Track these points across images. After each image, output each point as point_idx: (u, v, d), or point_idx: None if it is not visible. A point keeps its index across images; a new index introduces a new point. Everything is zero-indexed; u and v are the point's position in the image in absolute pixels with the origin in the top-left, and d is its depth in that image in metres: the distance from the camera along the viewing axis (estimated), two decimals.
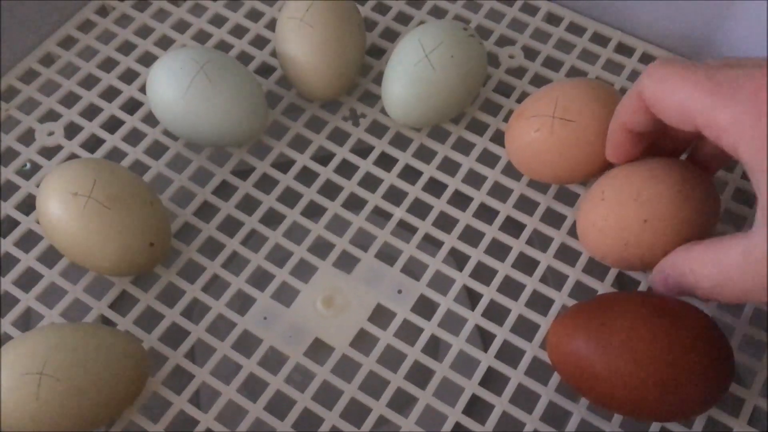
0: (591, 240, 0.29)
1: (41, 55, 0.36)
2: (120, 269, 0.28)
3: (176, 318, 0.29)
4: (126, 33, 0.36)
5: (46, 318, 0.29)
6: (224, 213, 0.32)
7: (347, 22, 0.33)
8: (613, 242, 0.28)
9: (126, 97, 0.35)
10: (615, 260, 0.28)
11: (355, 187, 0.32)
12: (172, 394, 0.28)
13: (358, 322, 0.30)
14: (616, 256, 0.28)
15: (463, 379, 0.28)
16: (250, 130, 0.31)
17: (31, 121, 0.34)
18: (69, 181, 0.27)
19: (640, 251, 0.27)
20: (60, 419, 0.24)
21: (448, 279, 0.30)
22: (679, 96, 0.24)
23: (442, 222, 0.32)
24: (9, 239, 0.31)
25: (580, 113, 0.29)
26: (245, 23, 0.37)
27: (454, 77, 0.31)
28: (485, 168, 0.33)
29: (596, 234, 0.28)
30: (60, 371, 0.24)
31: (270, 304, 0.30)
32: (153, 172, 0.33)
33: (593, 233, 0.28)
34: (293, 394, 0.28)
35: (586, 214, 0.29)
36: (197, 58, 0.30)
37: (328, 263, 0.31)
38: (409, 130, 0.34)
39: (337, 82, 0.33)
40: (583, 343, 0.25)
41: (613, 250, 0.28)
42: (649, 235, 0.27)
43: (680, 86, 0.24)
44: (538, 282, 0.30)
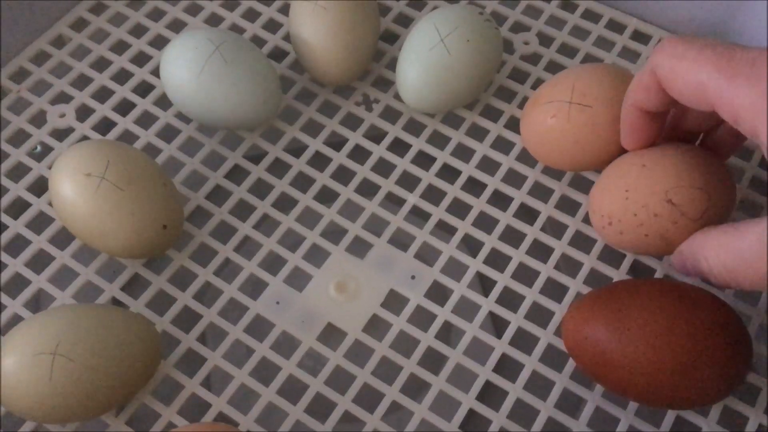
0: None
1: (53, 36, 0.35)
2: (133, 251, 0.28)
3: (188, 301, 0.29)
4: (138, 16, 0.36)
5: (57, 300, 0.29)
6: (236, 197, 0.32)
7: (362, 6, 0.32)
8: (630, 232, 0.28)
9: (138, 80, 0.34)
10: (630, 247, 0.28)
11: (368, 172, 0.32)
12: (184, 377, 0.28)
13: (371, 308, 0.29)
14: (632, 244, 0.28)
15: (477, 366, 0.28)
16: (264, 113, 0.31)
17: (43, 103, 0.34)
18: (82, 162, 0.27)
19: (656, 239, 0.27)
20: (72, 400, 0.24)
21: (461, 265, 0.30)
22: (695, 75, 0.23)
23: (455, 208, 0.31)
24: (20, 221, 0.31)
25: (597, 99, 0.29)
26: (258, 7, 0.36)
27: (469, 62, 0.31)
28: (499, 154, 0.33)
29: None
30: (73, 352, 0.24)
31: (282, 289, 0.30)
32: (165, 155, 0.32)
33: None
34: (306, 378, 0.28)
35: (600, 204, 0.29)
36: (213, 38, 0.30)
37: (341, 248, 0.31)
38: (423, 116, 0.34)
39: (351, 67, 0.33)
40: (599, 330, 0.25)
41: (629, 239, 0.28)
42: (666, 221, 0.27)
43: (697, 65, 0.23)
44: (553, 269, 0.30)
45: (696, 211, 0.27)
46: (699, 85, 0.23)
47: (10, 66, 0.34)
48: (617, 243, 0.28)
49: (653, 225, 0.27)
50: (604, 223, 0.28)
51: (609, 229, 0.28)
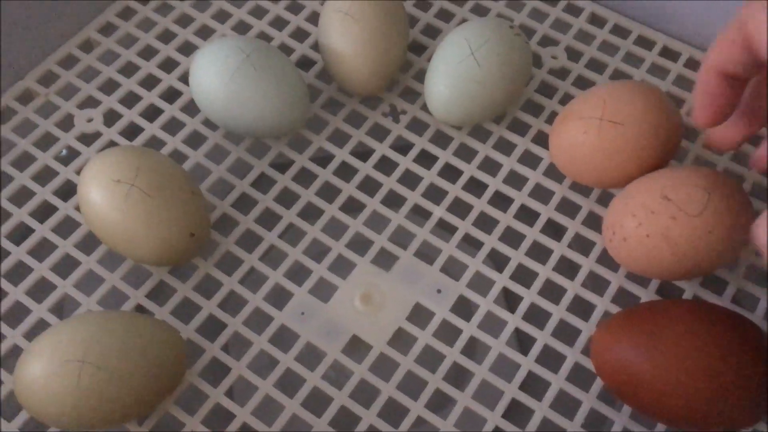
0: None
1: (81, 40, 0.35)
2: (159, 259, 0.28)
3: (213, 310, 0.29)
4: (166, 21, 0.36)
5: (83, 305, 0.29)
6: (262, 206, 0.31)
7: (392, 18, 0.32)
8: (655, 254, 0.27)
9: (165, 86, 0.34)
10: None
11: (394, 184, 0.32)
12: (208, 386, 0.28)
13: (396, 321, 0.29)
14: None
15: (503, 383, 0.28)
16: (292, 122, 0.31)
17: (70, 107, 0.34)
18: (112, 168, 0.27)
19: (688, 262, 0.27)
20: (99, 408, 0.24)
21: (487, 280, 0.30)
22: None
23: (481, 222, 0.31)
24: (46, 225, 0.31)
25: (629, 116, 0.29)
26: (286, 15, 0.36)
27: (499, 76, 0.31)
28: (526, 169, 0.32)
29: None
30: (101, 359, 0.24)
31: (307, 300, 0.29)
32: (191, 162, 0.32)
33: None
34: (330, 391, 0.28)
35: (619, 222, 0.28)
36: (243, 46, 0.30)
37: (367, 260, 0.30)
38: (450, 128, 0.33)
39: (379, 78, 0.33)
40: (629, 350, 0.25)
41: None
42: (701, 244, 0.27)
43: None
44: (580, 286, 0.30)
45: (694, 207, 0.26)
46: None
47: (38, 69, 0.34)
48: (626, 256, 0.28)
49: (652, 223, 0.27)
50: (610, 235, 0.28)
51: (614, 241, 0.28)
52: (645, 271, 0.28)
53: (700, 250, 0.26)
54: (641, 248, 0.27)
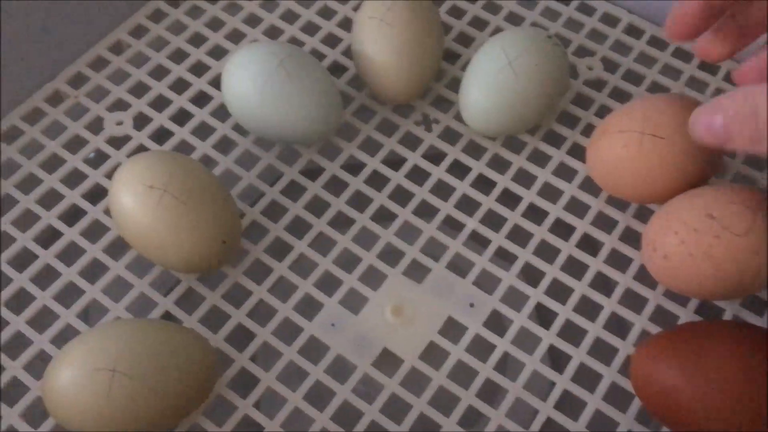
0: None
1: (111, 43, 0.35)
2: (190, 266, 0.27)
3: (242, 319, 0.29)
4: (197, 25, 0.36)
5: (111, 312, 0.28)
6: (292, 214, 0.31)
7: (428, 25, 0.32)
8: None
9: (195, 90, 0.34)
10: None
11: (426, 194, 0.32)
12: (237, 397, 0.27)
13: (428, 334, 0.29)
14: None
15: (537, 401, 0.27)
16: (324, 129, 0.31)
17: (100, 110, 0.33)
18: (145, 173, 0.26)
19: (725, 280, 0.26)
20: (129, 418, 0.23)
21: (521, 295, 0.29)
22: None
23: (515, 235, 0.31)
24: (75, 228, 0.30)
25: (671, 130, 0.28)
26: (317, 21, 0.36)
27: (537, 87, 0.30)
28: (561, 182, 0.32)
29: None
30: (132, 369, 0.23)
31: (338, 311, 0.29)
32: (221, 168, 0.32)
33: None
34: (360, 405, 0.27)
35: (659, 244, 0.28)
36: (277, 52, 0.30)
37: (398, 271, 0.30)
38: (483, 139, 0.33)
39: (413, 86, 0.32)
40: (671, 373, 0.24)
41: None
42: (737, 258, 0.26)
43: None
44: (617, 304, 0.29)
45: (740, 226, 0.26)
46: None
47: (69, 71, 0.34)
48: (666, 274, 0.27)
49: (695, 242, 0.26)
50: (650, 252, 0.27)
51: (654, 257, 0.27)
52: (685, 289, 0.27)
53: (745, 271, 0.26)
54: (683, 267, 0.26)
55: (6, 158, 0.32)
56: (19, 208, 0.31)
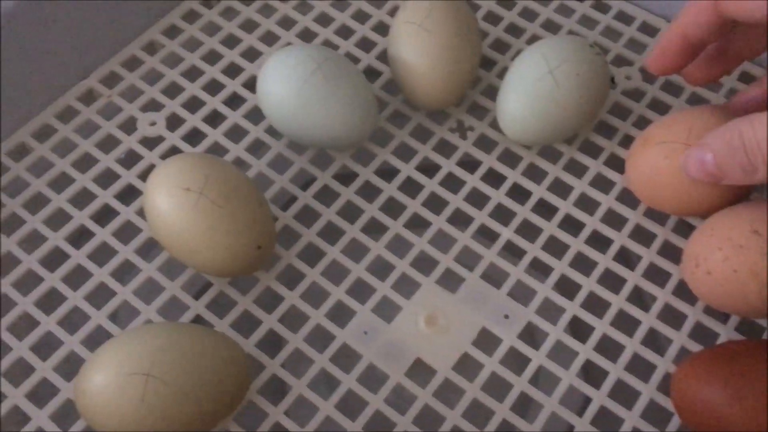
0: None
1: (145, 42, 0.35)
2: (224, 270, 0.27)
3: (274, 325, 0.28)
4: (231, 26, 0.35)
5: (142, 314, 0.28)
6: (325, 219, 0.31)
7: (466, 31, 0.31)
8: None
9: (229, 92, 0.34)
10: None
11: (460, 202, 0.31)
12: (268, 404, 0.27)
13: (462, 345, 0.28)
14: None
15: (574, 417, 0.27)
16: (359, 134, 0.30)
17: (133, 110, 0.33)
18: (181, 176, 0.26)
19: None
20: (163, 424, 0.23)
21: (557, 308, 0.29)
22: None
23: (551, 246, 0.30)
24: (107, 229, 0.30)
25: None
26: (352, 24, 0.36)
27: (577, 96, 0.30)
28: (598, 193, 0.31)
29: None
30: (167, 374, 0.23)
31: (370, 319, 0.29)
32: (253, 171, 0.32)
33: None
34: (393, 416, 0.27)
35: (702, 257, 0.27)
36: (315, 55, 0.29)
37: (431, 280, 0.29)
38: (519, 147, 0.32)
39: (449, 93, 0.32)
40: (716, 393, 0.23)
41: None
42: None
43: None
44: (655, 319, 0.28)
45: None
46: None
47: (102, 70, 0.34)
48: (708, 291, 0.26)
49: (740, 258, 0.25)
50: (692, 267, 0.27)
51: (697, 273, 0.27)
52: (728, 306, 0.26)
53: None
54: (727, 283, 0.26)
55: (38, 156, 0.32)
56: (51, 207, 0.30)
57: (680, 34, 0.28)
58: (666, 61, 0.29)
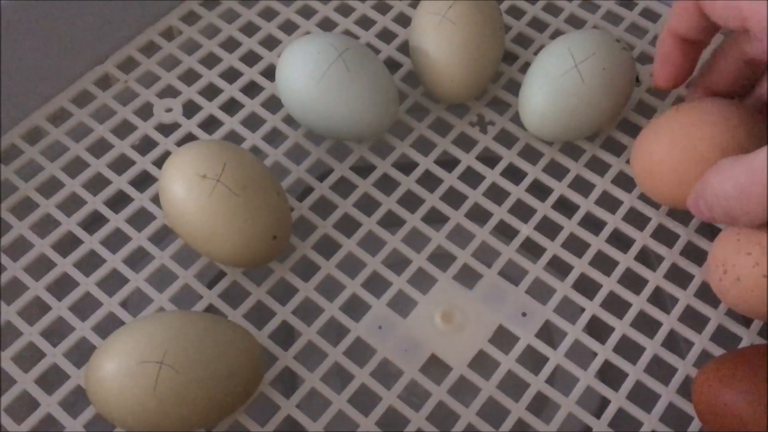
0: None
1: (163, 28, 0.34)
2: (239, 260, 0.27)
3: (287, 316, 0.28)
4: (250, 14, 0.35)
5: (155, 302, 0.28)
6: (342, 211, 0.30)
7: (490, 24, 0.31)
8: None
9: (246, 80, 0.33)
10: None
11: (479, 197, 0.31)
12: (280, 396, 0.26)
13: (478, 343, 0.28)
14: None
15: (591, 418, 0.26)
16: (379, 126, 0.30)
17: (150, 95, 0.33)
18: (198, 163, 0.26)
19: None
20: (174, 413, 0.23)
21: (575, 306, 0.28)
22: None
23: (571, 245, 0.30)
24: (121, 215, 0.30)
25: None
26: (372, 15, 0.35)
27: (603, 92, 0.29)
28: (621, 191, 0.31)
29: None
30: (180, 363, 0.23)
31: (385, 313, 0.28)
32: (270, 161, 0.31)
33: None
34: (407, 412, 0.26)
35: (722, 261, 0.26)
36: (336, 44, 0.29)
37: (449, 276, 0.29)
38: (540, 143, 0.32)
39: (470, 86, 0.31)
40: (742, 398, 0.23)
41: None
42: None
43: None
44: (676, 321, 0.28)
45: None
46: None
47: (119, 55, 0.34)
48: (738, 297, 0.26)
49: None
50: (720, 274, 0.26)
51: (726, 280, 0.26)
52: (758, 313, 0.26)
53: None
54: (758, 289, 0.25)
55: (53, 140, 0.31)
56: (65, 192, 0.30)
57: (673, 36, 0.28)
58: (669, 69, 0.28)
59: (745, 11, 0.23)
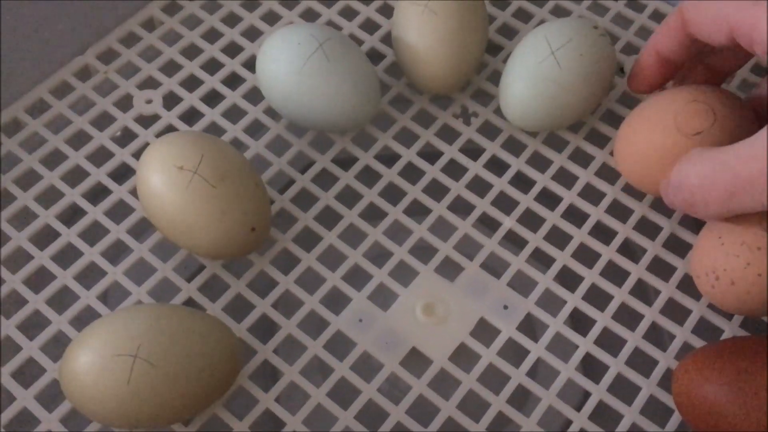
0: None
1: (144, 18, 0.34)
2: (217, 252, 0.26)
3: (267, 309, 0.28)
4: (232, 4, 0.35)
5: (133, 295, 0.27)
6: (323, 203, 0.30)
7: (473, 14, 0.30)
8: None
9: (228, 71, 0.33)
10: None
11: (462, 189, 0.30)
12: (258, 390, 0.26)
13: (459, 336, 0.27)
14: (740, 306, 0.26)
15: (571, 411, 0.26)
16: (361, 117, 0.30)
17: (130, 87, 0.32)
18: (175, 154, 0.25)
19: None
20: (148, 407, 0.22)
21: (557, 299, 0.28)
22: (715, 5, 0.25)
23: (554, 237, 0.29)
24: (99, 208, 0.29)
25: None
26: (356, 5, 0.35)
27: (581, 78, 0.29)
28: (604, 183, 0.30)
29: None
30: (154, 356, 0.22)
31: (366, 306, 0.28)
32: (251, 153, 0.31)
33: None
34: (386, 405, 0.26)
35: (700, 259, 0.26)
36: (317, 35, 0.29)
37: (430, 268, 0.29)
38: (524, 135, 0.32)
39: (454, 77, 0.31)
40: (720, 390, 0.23)
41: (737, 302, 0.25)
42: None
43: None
44: (658, 314, 0.28)
45: None
46: (717, 13, 0.25)
47: (99, 45, 0.33)
48: (736, 300, 0.25)
49: (761, 261, 0.24)
50: (712, 281, 0.26)
51: (719, 286, 0.25)
52: (760, 311, 0.25)
53: None
54: (755, 289, 0.24)
55: (31, 132, 0.31)
56: (42, 184, 0.30)
57: (655, 53, 0.28)
58: (644, 80, 0.29)
59: (732, 21, 0.24)
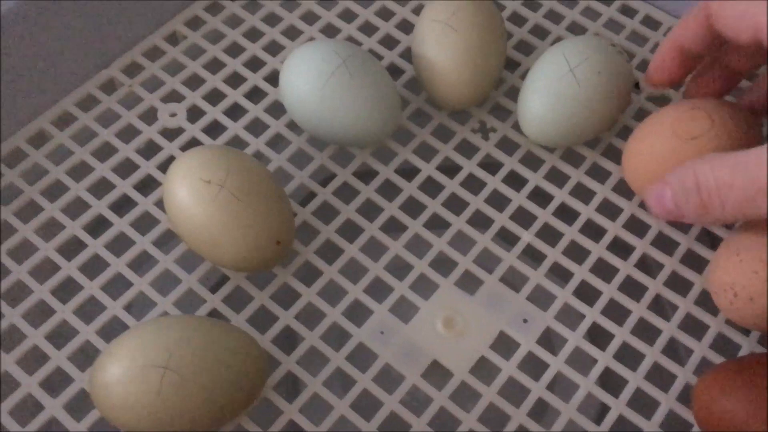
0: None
1: (167, 33, 0.35)
2: (243, 265, 0.27)
3: (290, 321, 0.28)
4: (253, 19, 0.35)
5: (158, 306, 0.28)
6: (344, 216, 0.30)
7: (492, 31, 0.31)
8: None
9: (250, 85, 0.33)
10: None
11: (481, 204, 0.31)
12: (282, 401, 0.26)
13: (479, 349, 0.28)
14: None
15: (592, 425, 0.26)
16: (382, 132, 0.30)
17: (154, 100, 0.33)
18: (203, 168, 0.26)
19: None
20: (177, 418, 0.23)
21: (576, 313, 0.29)
22: (743, 3, 0.24)
23: (572, 251, 0.30)
24: (125, 219, 0.30)
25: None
26: (375, 21, 0.35)
27: (599, 95, 0.29)
28: (621, 199, 0.31)
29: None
30: (184, 367, 0.23)
31: (387, 318, 0.28)
32: (273, 166, 0.31)
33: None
34: (408, 417, 0.26)
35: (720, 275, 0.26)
36: (339, 51, 0.29)
37: (450, 282, 0.29)
38: (541, 150, 0.32)
39: (473, 92, 0.31)
40: (742, 406, 0.23)
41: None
42: None
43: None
44: (676, 329, 0.28)
45: None
46: (745, 11, 0.24)
47: (123, 59, 0.34)
48: (754, 316, 0.26)
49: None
50: (731, 297, 0.26)
51: (738, 302, 0.26)
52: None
53: None
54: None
55: (57, 144, 0.32)
56: (69, 196, 0.30)
57: (676, 47, 0.28)
58: (663, 74, 0.29)
59: (759, 20, 0.24)
